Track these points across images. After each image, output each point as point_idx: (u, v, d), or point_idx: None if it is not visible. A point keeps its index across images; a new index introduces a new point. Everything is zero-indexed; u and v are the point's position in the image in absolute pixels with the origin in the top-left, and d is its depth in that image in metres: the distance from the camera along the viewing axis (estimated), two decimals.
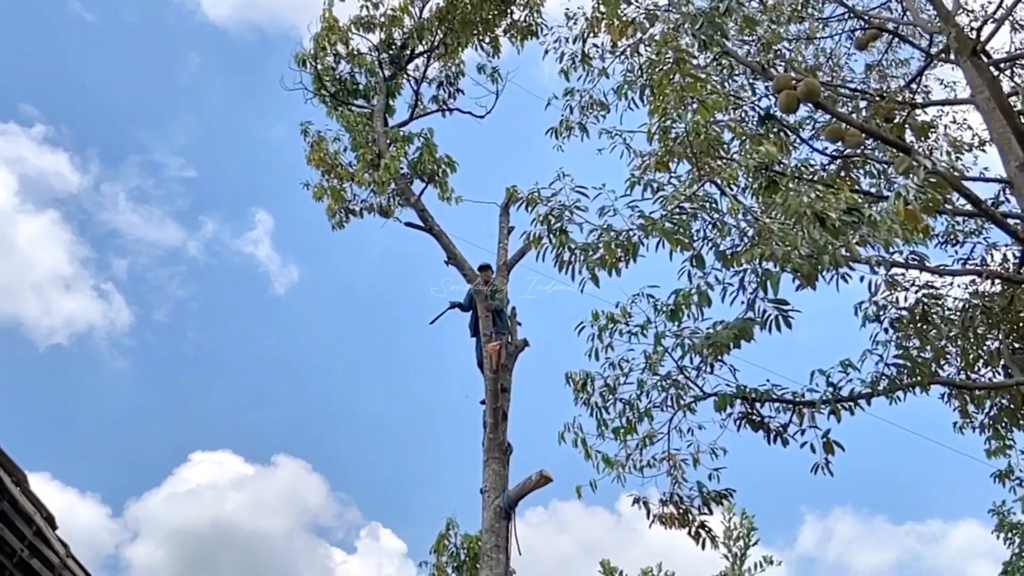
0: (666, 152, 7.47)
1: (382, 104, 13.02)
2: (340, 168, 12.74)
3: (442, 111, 13.74)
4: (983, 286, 9.22)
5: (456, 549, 13.13)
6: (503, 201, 11.90)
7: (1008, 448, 9.43)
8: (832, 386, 7.96)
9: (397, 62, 13.33)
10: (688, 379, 8.19)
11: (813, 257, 5.89)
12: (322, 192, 12.69)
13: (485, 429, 9.84)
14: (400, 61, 13.35)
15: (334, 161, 12.77)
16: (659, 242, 6.86)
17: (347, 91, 13.42)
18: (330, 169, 12.78)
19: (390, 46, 13.27)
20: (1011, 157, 7.82)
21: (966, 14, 10.74)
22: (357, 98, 13.48)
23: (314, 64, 13.13)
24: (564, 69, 10.33)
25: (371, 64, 13.35)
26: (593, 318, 8.06)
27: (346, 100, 13.33)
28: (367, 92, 13.51)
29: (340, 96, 13.32)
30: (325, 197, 12.68)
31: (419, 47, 13.32)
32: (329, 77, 13.27)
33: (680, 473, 8.47)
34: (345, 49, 13.36)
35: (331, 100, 13.31)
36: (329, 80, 13.25)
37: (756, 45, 9.99)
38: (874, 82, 11.00)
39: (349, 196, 12.73)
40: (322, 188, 12.73)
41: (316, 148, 12.87)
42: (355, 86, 13.47)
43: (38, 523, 5.26)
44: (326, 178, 12.80)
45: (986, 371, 9.20)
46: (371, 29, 13.25)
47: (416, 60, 13.51)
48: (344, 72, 13.46)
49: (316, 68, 13.12)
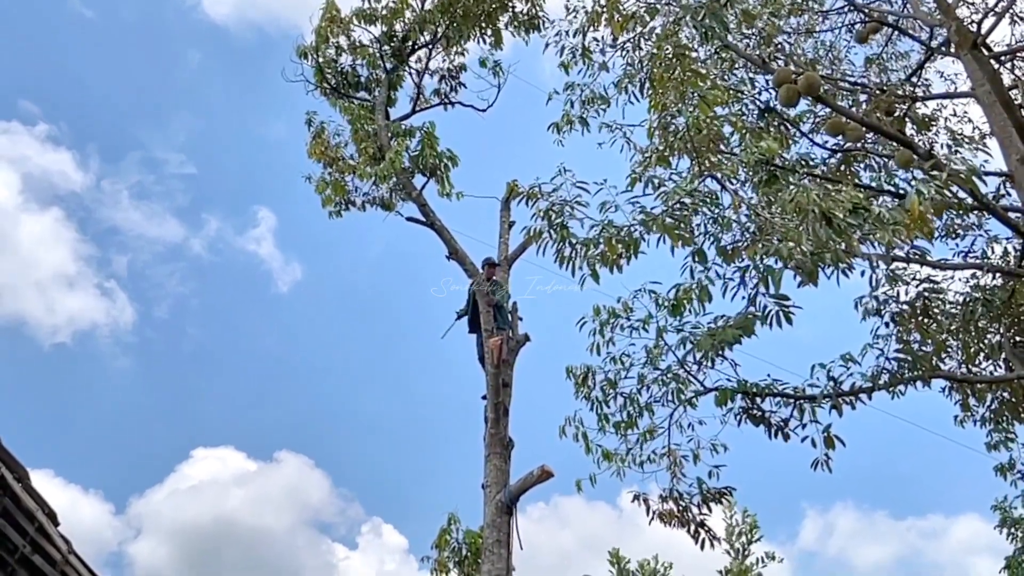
0: (667, 147, 7.46)
1: (383, 97, 12.96)
2: (341, 162, 12.73)
3: (444, 104, 13.70)
4: (984, 280, 9.21)
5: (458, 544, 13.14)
6: (504, 196, 11.88)
7: (1010, 441, 9.45)
8: (833, 380, 7.96)
9: (399, 54, 13.28)
10: (689, 374, 8.19)
11: (816, 254, 5.89)
12: (324, 186, 12.68)
13: (486, 424, 9.84)
14: (402, 54, 13.29)
15: (336, 154, 12.75)
16: (660, 237, 6.86)
17: (348, 84, 13.35)
18: (331, 162, 12.76)
19: (392, 38, 13.21)
20: (1012, 151, 7.80)
21: (966, 7, 10.68)
22: (359, 91, 13.42)
23: (315, 56, 13.09)
24: (564, 63, 10.32)
25: (372, 56, 13.30)
26: (594, 313, 8.06)
27: (347, 93, 13.28)
28: (368, 85, 13.46)
29: (341, 89, 13.27)
30: (327, 190, 12.66)
31: (421, 39, 13.27)
32: (331, 69, 13.22)
33: (680, 469, 8.48)
34: (347, 41, 13.32)
35: (332, 93, 13.27)
36: (331, 72, 13.21)
37: (756, 38, 9.97)
38: (874, 75, 10.97)
39: (351, 188, 12.71)
40: (324, 182, 12.72)
41: (317, 140, 12.86)
42: (356, 78, 13.41)
43: (40, 520, 5.26)
44: (328, 171, 12.79)
45: (987, 365, 9.21)
46: (373, 21, 13.20)
47: (418, 52, 13.45)
48: (345, 64, 13.41)
49: (318, 60, 13.07)
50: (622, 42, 9.83)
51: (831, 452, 7.96)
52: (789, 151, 9.08)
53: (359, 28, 13.24)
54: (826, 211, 5.81)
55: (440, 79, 13.72)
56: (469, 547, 12.99)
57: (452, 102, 13.69)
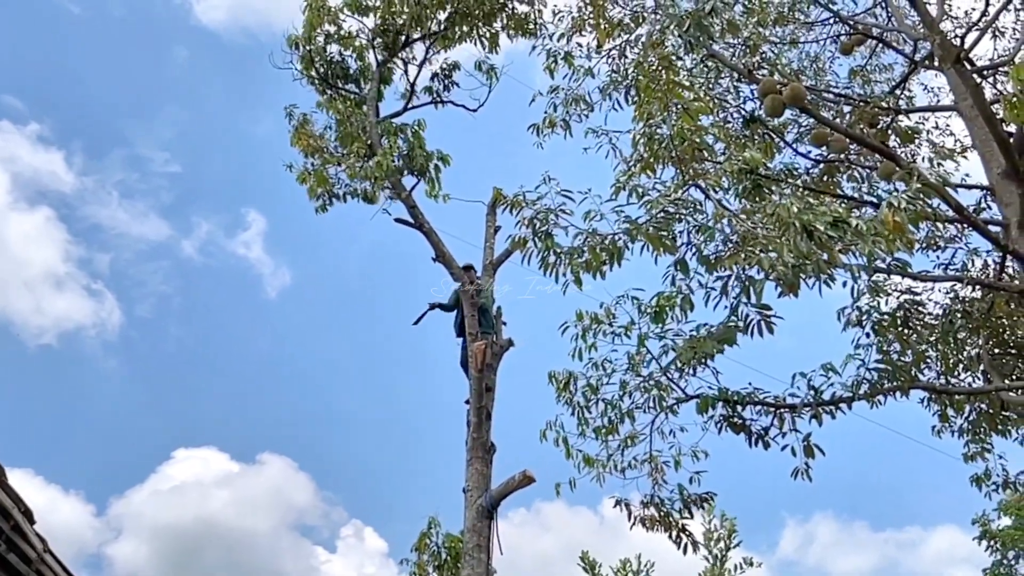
0: (651, 155, 7.49)
1: (374, 92, 12.85)
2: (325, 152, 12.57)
3: (435, 103, 13.61)
4: (964, 292, 9.29)
5: (438, 548, 13.15)
6: (490, 200, 11.88)
7: (987, 452, 9.51)
8: (814, 389, 8.01)
9: (391, 48, 13.16)
10: (671, 381, 8.22)
11: (796, 266, 5.92)
12: (306, 176, 12.50)
13: (469, 428, 9.85)
14: (394, 47, 13.17)
15: (319, 144, 12.60)
16: (643, 246, 6.88)
17: (336, 74, 13.20)
18: (314, 151, 12.59)
19: (385, 31, 13.09)
20: (993, 164, 7.88)
21: (950, 21, 10.80)
22: (348, 83, 13.29)
23: (306, 46, 12.92)
24: (548, 66, 10.36)
25: (361, 48, 13.16)
26: (577, 318, 8.06)
27: (335, 84, 13.13)
28: (357, 77, 13.34)
29: (330, 79, 13.11)
30: (309, 180, 12.47)
31: (415, 34, 13.14)
32: (319, 58, 13.05)
33: (661, 475, 8.50)
34: (335, 29, 13.15)
35: (320, 83, 13.10)
36: (320, 62, 13.03)
37: (741, 48, 10.03)
38: (858, 87, 11.05)
39: (333, 179, 12.57)
40: (306, 171, 12.56)
41: (301, 131, 12.69)
42: (345, 70, 13.27)
43: (16, 518, 5.22)
44: (310, 160, 12.62)
45: (966, 376, 9.28)
46: (365, 12, 13.07)
47: (411, 46, 13.31)
48: (334, 53, 13.25)
49: (308, 50, 12.90)
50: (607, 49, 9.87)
51: (811, 461, 8.03)
52: (773, 161, 9.13)
53: (350, 18, 13.13)
54: (806, 224, 5.85)
55: (432, 77, 13.64)
56: (449, 551, 13.00)
57: (443, 101, 13.62)
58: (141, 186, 31.50)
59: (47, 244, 30.04)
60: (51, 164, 30.21)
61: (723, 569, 17.29)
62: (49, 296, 29.59)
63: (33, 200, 30.45)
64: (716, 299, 7.00)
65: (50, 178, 30.67)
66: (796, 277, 5.99)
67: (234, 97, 31.64)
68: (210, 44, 30.64)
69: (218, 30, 31.08)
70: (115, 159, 31.58)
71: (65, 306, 29.50)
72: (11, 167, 29.45)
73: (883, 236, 5.74)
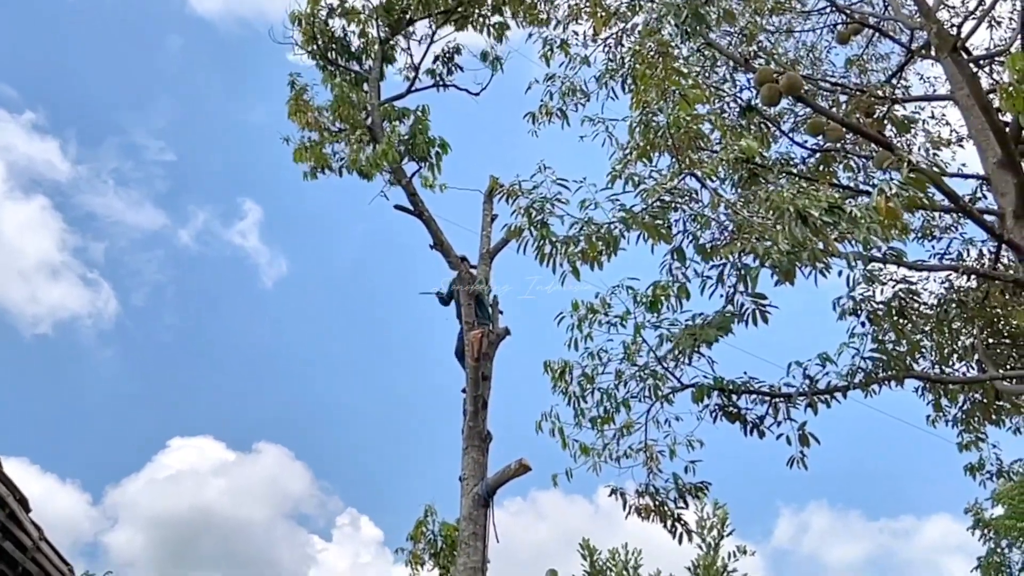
0: (648, 144, 7.47)
1: (376, 71, 12.70)
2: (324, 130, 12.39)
3: (437, 86, 13.48)
4: (959, 282, 9.31)
5: (433, 537, 13.14)
6: (487, 189, 11.82)
7: (980, 441, 9.55)
8: (809, 379, 8.02)
9: (395, 27, 13.00)
10: (666, 370, 8.22)
11: (792, 254, 5.92)
12: (302, 152, 12.32)
13: (465, 417, 9.84)
14: (398, 26, 13.01)
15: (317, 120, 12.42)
16: (640, 235, 6.87)
17: (337, 50, 13.04)
18: (310, 125, 12.40)
19: (390, 10, 12.91)
20: (989, 153, 7.88)
21: (947, 10, 10.79)
22: (349, 60, 13.14)
23: (309, 22, 12.74)
24: (545, 54, 10.32)
25: (365, 21, 12.98)
26: (573, 308, 8.05)
27: (336, 60, 12.98)
28: (359, 54, 13.18)
29: (330, 55, 12.96)
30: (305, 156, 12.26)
31: (420, 13, 12.99)
32: (320, 34, 12.87)
33: (656, 464, 8.51)
34: (339, 3, 12.97)
35: (321, 57, 12.95)
36: (321, 37, 12.85)
37: (738, 37, 10.01)
38: (854, 76, 11.05)
39: (329, 154, 12.34)
40: (303, 146, 12.38)
41: (298, 100, 12.44)
42: (347, 46, 13.10)
43: (11, 506, 5.22)
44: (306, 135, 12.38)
45: (960, 366, 9.31)
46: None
47: (416, 24, 13.16)
48: (336, 28, 13.07)
49: (311, 24, 12.71)
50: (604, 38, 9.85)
51: (806, 450, 8.02)
52: (769, 150, 9.13)
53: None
54: (801, 210, 5.84)
55: (435, 59, 13.51)
56: (445, 540, 13.00)
57: (446, 84, 13.49)
58: (136, 175, 31.45)
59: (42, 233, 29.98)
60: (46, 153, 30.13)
61: (716, 557, 17.38)
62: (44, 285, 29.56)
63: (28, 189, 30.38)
64: (712, 288, 7.01)
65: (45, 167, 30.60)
66: (792, 264, 5.99)
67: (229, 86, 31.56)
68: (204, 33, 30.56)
69: (212, 19, 31.01)
70: (110, 148, 31.50)
71: (60, 295, 29.48)
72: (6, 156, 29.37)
73: (878, 223, 5.74)
